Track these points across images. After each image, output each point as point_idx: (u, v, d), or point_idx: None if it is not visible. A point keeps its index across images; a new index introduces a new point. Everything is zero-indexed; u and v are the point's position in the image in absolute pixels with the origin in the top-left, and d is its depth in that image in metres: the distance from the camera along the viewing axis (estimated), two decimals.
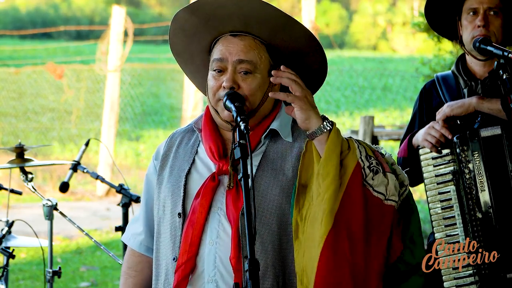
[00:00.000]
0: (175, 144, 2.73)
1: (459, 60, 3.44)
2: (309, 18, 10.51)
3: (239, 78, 2.55)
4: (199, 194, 2.57)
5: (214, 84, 2.59)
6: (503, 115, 3.17)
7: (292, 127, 2.64)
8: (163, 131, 15.67)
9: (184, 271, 2.54)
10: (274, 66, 2.60)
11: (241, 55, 2.54)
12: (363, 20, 35.21)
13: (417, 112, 3.49)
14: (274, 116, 2.63)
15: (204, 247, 2.54)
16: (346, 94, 17.64)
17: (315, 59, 2.64)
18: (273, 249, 2.51)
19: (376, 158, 2.50)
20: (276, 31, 2.56)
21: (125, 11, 11.96)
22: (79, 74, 15.16)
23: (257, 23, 2.55)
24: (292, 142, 2.60)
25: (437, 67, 7.42)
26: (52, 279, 4.22)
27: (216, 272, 2.53)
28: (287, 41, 2.59)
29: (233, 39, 2.58)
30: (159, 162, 2.73)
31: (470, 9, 3.32)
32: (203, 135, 2.65)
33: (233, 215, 2.51)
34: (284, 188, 2.53)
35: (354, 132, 7.10)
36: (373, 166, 2.46)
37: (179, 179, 2.64)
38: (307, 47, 2.61)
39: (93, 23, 32.24)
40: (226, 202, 2.54)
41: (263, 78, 2.57)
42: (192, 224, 2.55)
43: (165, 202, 2.65)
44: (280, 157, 2.58)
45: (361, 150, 2.48)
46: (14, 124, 15.99)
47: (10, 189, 4.47)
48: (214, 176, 2.58)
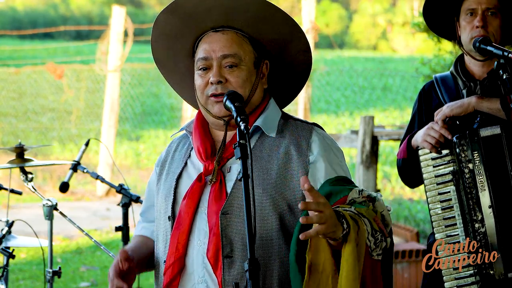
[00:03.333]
0: (172, 150, 2.76)
1: (457, 60, 3.44)
2: (309, 18, 10.50)
3: (225, 72, 2.56)
4: (186, 195, 2.58)
5: (201, 82, 2.59)
6: (502, 115, 3.17)
7: (279, 122, 2.63)
8: (163, 131, 15.67)
9: (172, 272, 2.55)
10: (259, 58, 2.61)
11: (225, 50, 2.55)
12: (363, 20, 35.21)
13: (416, 113, 3.49)
14: (260, 111, 2.62)
15: (193, 248, 2.55)
16: (346, 94, 17.64)
17: (299, 47, 2.64)
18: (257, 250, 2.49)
19: (379, 228, 2.42)
20: (257, 21, 2.56)
21: (125, 11, 11.96)
22: (79, 74, 15.17)
23: (238, 14, 2.55)
24: (277, 137, 2.58)
25: (437, 67, 7.42)
26: (52, 279, 4.22)
27: (205, 273, 2.52)
28: (269, 32, 2.59)
29: (215, 35, 2.59)
30: (159, 168, 2.75)
31: (468, 9, 3.32)
32: (193, 137, 2.66)
33: (212, 211, 2.51)
34: (266, 187, 2.52)
35: (354, 132, 7.09)
36: (378, 241, 2.40)
37: (171, 183, 2.65)
38: (289, 35, 2.61)
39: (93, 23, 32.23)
40: (208, 199, 2.54)
41: (249, 70, 2.58)
42: (178, 226, 2.55)
43: (160, 207, 2.67)
44: (267, 154, 2.56)
45: (368, 230, 2.38)
46: (14, 124, 16.00)
47: (10, 189, 4.47)
48: (201, 176, 2.58)
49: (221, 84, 2.55)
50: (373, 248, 2.40)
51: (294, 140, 2.58)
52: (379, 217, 2.46)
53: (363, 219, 2.37)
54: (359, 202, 2.47)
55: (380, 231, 2.41)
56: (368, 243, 2.38)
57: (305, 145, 2.57)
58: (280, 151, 2.56)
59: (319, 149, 2.57)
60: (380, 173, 10.95)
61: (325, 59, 19.80)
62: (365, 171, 6.72)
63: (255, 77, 2.59)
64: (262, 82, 2.63)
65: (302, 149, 2.56)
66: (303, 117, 10.14)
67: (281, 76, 2.72)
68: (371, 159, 6.74)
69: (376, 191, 6.81)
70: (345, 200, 2.46)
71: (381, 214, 2.48)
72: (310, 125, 2.65)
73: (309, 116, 10.43)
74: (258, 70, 2.61)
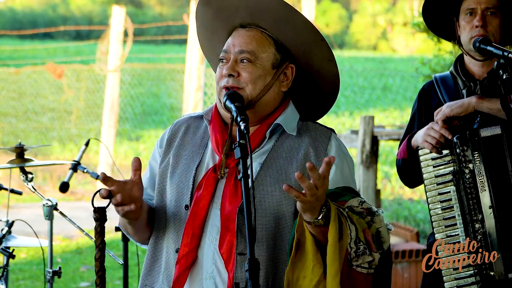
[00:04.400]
0: (180, 131, 2.75)
1: (457, 60, 3.44)
2: (309, 18, 10.50)
3: (239, 67, 2.60)
4: (201, 185, 2.58)
5: (219, 73, 2.65)
6: (502, 115, 3.16)
7: (298, 124, 2.66)
8: (163, 131, 15.65)
9: (185, 262, 2.54)
10: (281, 61, 2.64)
11: (243, 46, 2.61)
12: (363, 20, 35.22)
13: (416, 113, 3.49)
14: (281, 112, 2.65)
15: (204, 242, 2.55)
16: (346, 94, 17.65)
17: (322, 54, 2.66)
18: (266, 248, 2.51)
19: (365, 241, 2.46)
20: (280, 22, 2.61)
21: (125, 11, 11.96)
22: (79, 74, 15.17)
23: (261, 14, 2.61)
24: (297, 137, 2.62)
25: (437, 67, 7.42)
26: (52, 279, 4.22)
27: (214, 269, 2.53)
28: (291, 35, 2.63)
29: (241, 30, 2.66)
30: (163, 149, 2.74)
31: (468, 9, 3.31)
32: (212, 127, 2.67)
33: (227, 207, 2.52)
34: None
35: (354, 132, 7.09)
36: (359, 251, 2.44)
37: (188, 170, 2.64)
38: (310, 40, 2.65)
39: (93, 23, 32.22)
40: (222, 195, 2.55)
41: (265, 69, 2.61)
42: (194, 216, 2.55)
43: (172, 193, 2.65)
44: (287, 154, 2.60)
45: (352, 235, 2.44)
46: (14, 124, 16.00)
47: (10, 189, 4.47)
48: (215, 167, 2.59)
49: (232, 77, 2.59)
50: (352, 257, 2.43)
51: (313, 143, 2.62)
52: (372, 232, 2.49)
53: (349, 223, 2.43)
54: (356, 212, 2.48)
55: (366, 244, 2.44)
56: (349, 249, 2.41)
57: (322, 150, 2.61)
58: (300, 152, 2.60)
59: (334, 156, 2.58)
60: (380, 173, 10.95)
61: None
62: (365, 171, 6.72)
63: (271, 78, 2.62)
64: (282, 84, 2.66)
65: (319, 154, 2.60)
66: None
67: (310, 88, 2.74)
68: (371, 159, 6.74)
69: (376, 191, 6.83)
70: (343, 204, 2.49)
71: (377, 230, 2.50)
72: (329, 130, 2.69)
73: None
74: (278, 71, 2.63)
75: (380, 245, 2.50)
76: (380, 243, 2.50)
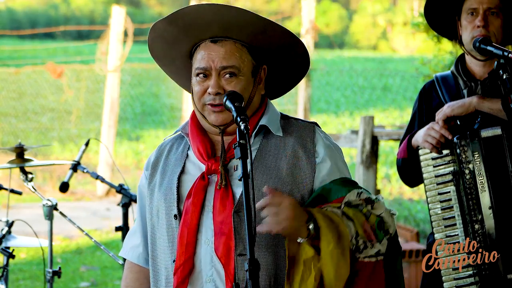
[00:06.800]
0: (164, 152, 2.75)
1: (458, 60, 3.44)
2: (309, 18, 10.50)
3: (223, 82, 2.57)
4: (190, 194, 2.58)
5: (199, 89, 2.59)
6: (503, 115, 3.16)
7: (280, 122, 2.65)
8: (163, 131, 15.67)
9: (183, 272, 2.54)
10: (257, 65, 2.62)
11: (223, 62, 2.56)
12: (363, 20, 35.21)
13: (417, 112, 3.49)
14: (262, 113, 2.65)
15: (200, 247, 2.55)
16: (346, 94, 17.65)
17: (296, 52, 2.66)
18: (266, 247, 2.52)
19: (365, 235, 2.48)
20: (256, 33, 2.58)
21: (125, 11, 11.96)
22: (79, 74, 15.16)
23: (237, 29, 2.56)
24: (283, 136, 2.61)
25: (437, 67, 7.42)
26: (52, 279, 4.22)
27: (214, 272, 2.53)
28: (268, 43, 2.61)
29: (213, 45, 2.59)
30: (149, 171, 2.74)
31: (470, 9, 3.32)
32: (191, 138, 2.66)
33: (220, 210, 2.52)
34: (277, 186, 2.53)
35: (354, 132, 7.09)
36: (361, 246, 2.46)
37: (171, 182, 2.64)
38: (287, 44, 2.63)
39: (93, 23, 32.22)
40: (213, 197, 2.55)
41: (247, 79, 2.59)
42: (186, 225, 2.55)
43: (159, 207, 2.65)
44: (274, 154, 2.59)
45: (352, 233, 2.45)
46: (14, 124, 15.99)
47: (10, 189, 4.47)
48: (203, 175, 2.59)
49: (219, 95, 2.56)
50: (355, 252, 2.45)
51: (300, 141, 2.61)
52: (372, 222, 2.49)
53: (346, 221, 2.43)
54: (354, 205, 2.48)
55: (362, 237, 2.45)
56: (351, 246, 2.43)
57: (311, 146, 2.61)
58: (287, 151, 2.59)
59: (323, 149, 2.61)
60: (380, 173, 10.95)
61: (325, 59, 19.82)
62: (365, 171, 6.72)
63: (252, 86, 2.61)
64: (260, 87, 2.65)
65: (308, 151, 2.60)
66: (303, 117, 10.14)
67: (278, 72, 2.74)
68: (371, 159, 6.74)
69: (376, 191, 6.83)
70: (340, 200, 2.48)
71: (379, 216, 2.50)
72: (311, 125, 2.67)
73: (309, 116, 10.43)
74: (256, 77, 2.63)
75: (386, 231, 2.51)
76: (385, 229, 2.50)
